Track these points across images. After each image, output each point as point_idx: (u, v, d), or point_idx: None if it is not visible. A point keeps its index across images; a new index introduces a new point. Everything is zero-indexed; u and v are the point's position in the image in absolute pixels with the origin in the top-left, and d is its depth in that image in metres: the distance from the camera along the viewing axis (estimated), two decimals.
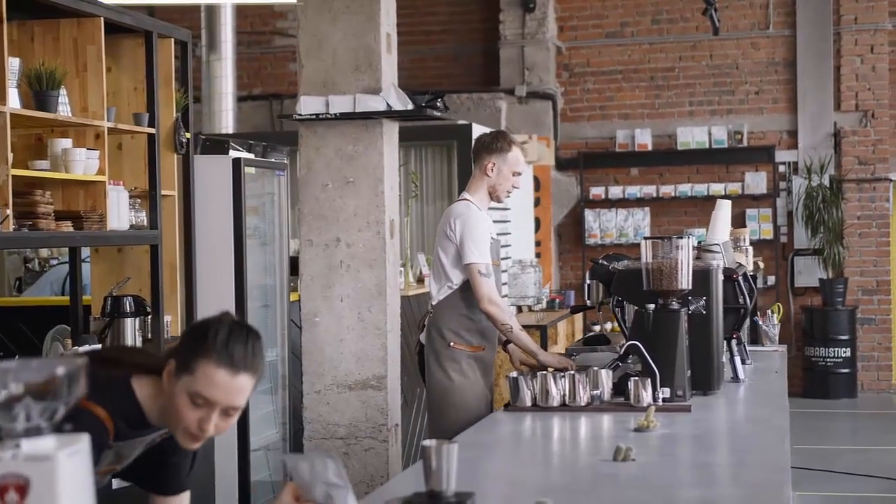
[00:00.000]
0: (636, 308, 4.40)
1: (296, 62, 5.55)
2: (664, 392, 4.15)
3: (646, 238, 4.36)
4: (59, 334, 5.69)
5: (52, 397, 1.72)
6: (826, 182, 12.02)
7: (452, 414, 4.96)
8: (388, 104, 5.40)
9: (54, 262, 8.13)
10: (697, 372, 4.34)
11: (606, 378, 4.22)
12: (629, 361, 4.39)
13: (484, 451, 3.55)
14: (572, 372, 4.22)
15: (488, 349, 5.13)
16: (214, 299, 6.06)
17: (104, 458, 2.62)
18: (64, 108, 4.79)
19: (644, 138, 12.50)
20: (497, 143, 5.13)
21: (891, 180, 12.26)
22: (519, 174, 5.16)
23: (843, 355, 11.90)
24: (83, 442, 1.74)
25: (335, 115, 5.39)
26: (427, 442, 2.65)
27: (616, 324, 5.20)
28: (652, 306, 4.29)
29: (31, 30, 5.03)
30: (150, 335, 5.49)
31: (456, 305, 5.06)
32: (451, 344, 5.03)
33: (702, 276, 4.42)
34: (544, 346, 8.67)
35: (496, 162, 5.09)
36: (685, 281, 4.28)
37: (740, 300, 4.89)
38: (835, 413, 11.44)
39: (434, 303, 5.14)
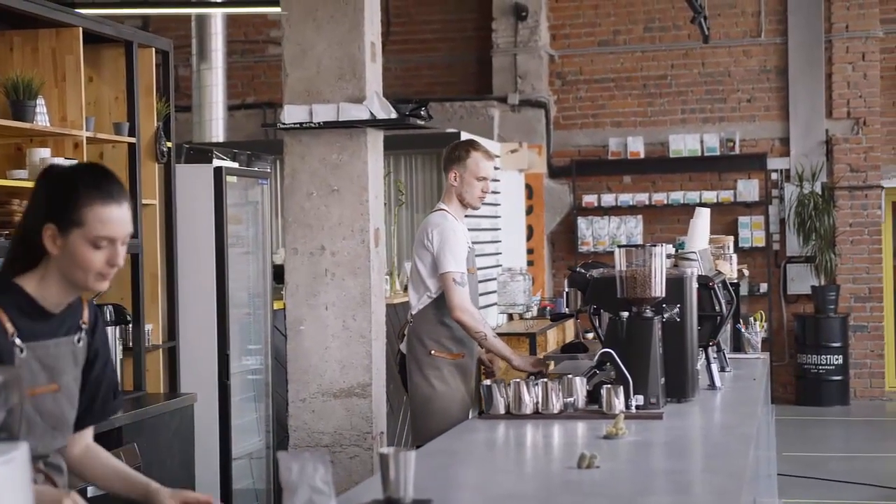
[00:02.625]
0: (610, 316, 4.41)
1: None
2: (637, 399, 4.16)
3: (619, 246, 4.37)
4: None
5: None
6: (818, 189, 12.04)
7: (435, 421, 5.01)
8: (371, 113, 5.40)
9: None
10: (672, 379, 4.35)
11: (581, 386, 4.22)
12: (605, 369, 4.39)
13: (452, 458, 3.57)
14: (545, 380, 4.23)
15: (468, 356, 5.19)
16: (196, 307, 6.08)
17: (26, 365, 2.60)
18: (42, 118, 4.81)
19: (636, 146, 12.53)
20: (455, 152, 5.26)
21: (882, 188, 12.27)
22: (484, 178, 5.23)
23: (836, 363, 11.90)
24: (20, 450, 1.75)
25: (319, 123, 5.40)
26: (384, 449, 2.68)
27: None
28: (626, 314, 4.30)
29: (10, 40, 5.06)
30: (130, 344, 5.50)
31: (435, 314, 5.13)
32: (432, 352, 5.12)
33: (676, 284, 4.43)
34: (533, 354, 8.68)
35: (457, 171, 5.22)
36: (659, 289, 4.29)
37: (717, 308, 4.89)
38: (827, 420, 11.44)
39: (413, 312, 5.23)
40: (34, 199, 2.67)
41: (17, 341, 2.58)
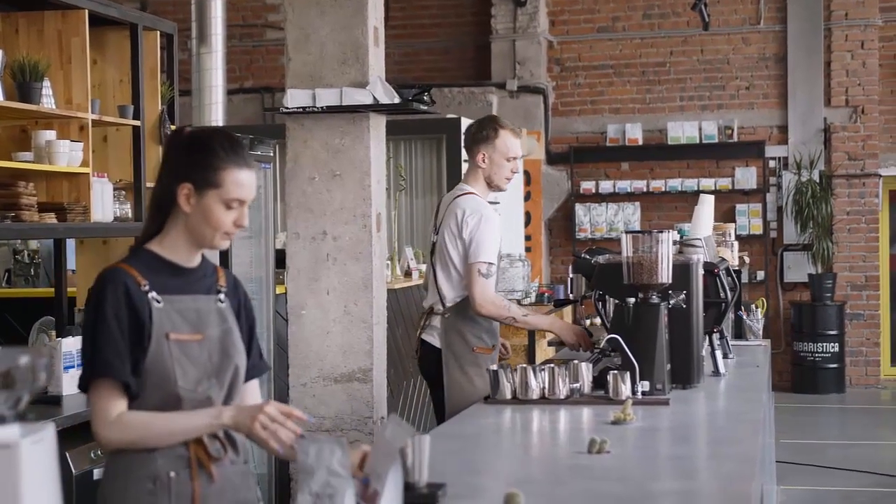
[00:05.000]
0: (616, 302, 4.42)
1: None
2: (644, 385, 4.17)
3: (626, 232, 4.36)
4: (45, 326, 5.71)
5: (16, 386, 1.74)
6: (816, 177, 12.06)
7: None
8: (374, 97, 5.39)
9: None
10: (677, 366, 4.36)
11: (587, 371, 4.23)
12: (611, 355, 4.40)
13: (462, 442, 3.57)
14: (552, 366, 4.24)
15: (497, 347, 5.15)
16: None
17: (165, 314, 2.74)
18: (48, 100, 4.80)
19: (635, 133, 12.53)
20: (482, 131, 5.04)
21: (880, 176, 12.29)
22: (514, 158, 5.05)
23: (832, 350, 11.94)
24: (48, 430, 1.76)
25: (322, 108, 5.38)
26: None
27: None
28: (632, 300, 4.30)
29: (16, 21, 5.04)
30: None
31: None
32: (475, 349, 4.99)
33: (682, 271, 4.43)
34: (532, 340, 8.67)
35: (485, 151, 5.03)
36: (665, 275, 4.29)
37: (721, 294, 4.90)
38: (823, 408, 11.48)
39: (448, 304, 5.02)
40: (168, 160, 2.83)
41: (153, 294, 2.74)
